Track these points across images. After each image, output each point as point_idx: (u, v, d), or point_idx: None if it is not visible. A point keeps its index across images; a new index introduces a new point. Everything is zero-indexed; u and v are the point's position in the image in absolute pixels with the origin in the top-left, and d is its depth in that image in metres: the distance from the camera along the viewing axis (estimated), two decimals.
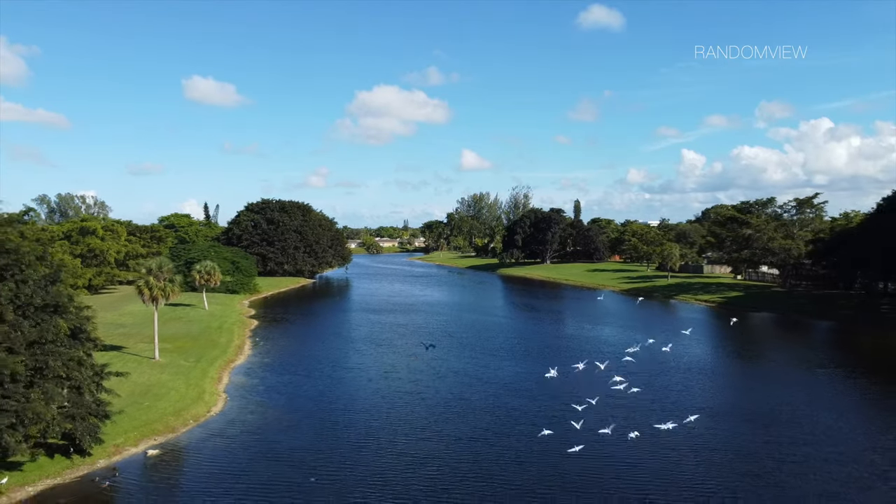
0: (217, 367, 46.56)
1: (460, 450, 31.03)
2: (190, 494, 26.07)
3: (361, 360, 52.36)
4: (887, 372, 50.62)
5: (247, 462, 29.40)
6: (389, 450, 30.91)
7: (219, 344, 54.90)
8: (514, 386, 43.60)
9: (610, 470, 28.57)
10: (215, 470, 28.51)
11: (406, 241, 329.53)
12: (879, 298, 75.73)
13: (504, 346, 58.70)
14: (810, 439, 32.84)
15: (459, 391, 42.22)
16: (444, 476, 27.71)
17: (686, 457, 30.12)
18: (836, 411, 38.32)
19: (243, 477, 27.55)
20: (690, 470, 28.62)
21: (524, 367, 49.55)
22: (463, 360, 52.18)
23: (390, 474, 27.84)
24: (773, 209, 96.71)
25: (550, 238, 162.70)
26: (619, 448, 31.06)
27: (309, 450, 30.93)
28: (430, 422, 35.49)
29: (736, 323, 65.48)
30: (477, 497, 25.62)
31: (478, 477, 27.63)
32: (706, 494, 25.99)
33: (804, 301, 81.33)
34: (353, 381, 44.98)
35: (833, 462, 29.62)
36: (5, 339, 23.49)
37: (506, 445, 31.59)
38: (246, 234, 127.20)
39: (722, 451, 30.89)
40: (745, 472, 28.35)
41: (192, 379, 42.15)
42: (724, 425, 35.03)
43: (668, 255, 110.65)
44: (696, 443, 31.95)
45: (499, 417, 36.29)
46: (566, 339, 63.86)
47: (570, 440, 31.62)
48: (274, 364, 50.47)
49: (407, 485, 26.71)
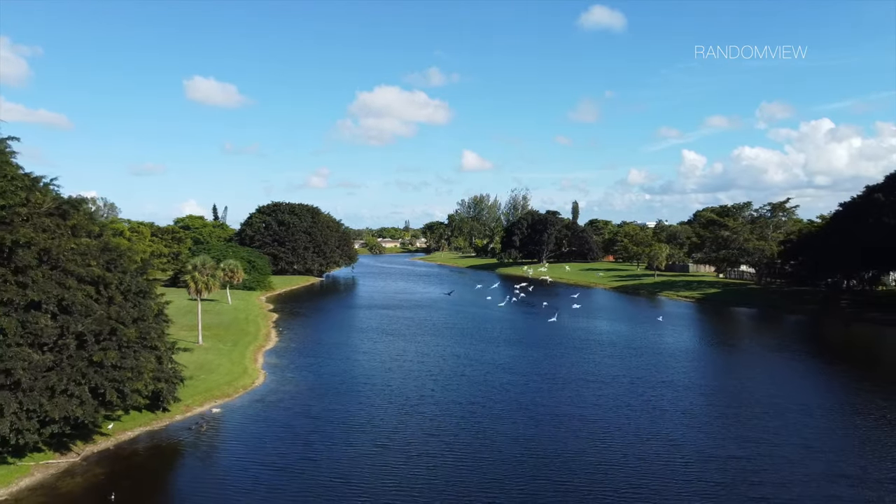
0: (252, 351, 54.24)
1: (459, 411, 38.60)
2: (247, 442, 33.58)
3: (374, 345, 59.99)
4: (831, 354, 58.27)
5: (288, 420, 36.97)
6: (405, 410, 38.48)
7: (249, 332, 62.55)
8: (503, 365, 51.29)
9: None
10: (264, 425, 36.10)
11: (408, 242, 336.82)
12: (841, 294, 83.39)
13: (498, 335, 66.36)
14: (739, 400, 40.52)
15: (460, 369, 49.87)
16: (446, 427, 35.29)
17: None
18: (775, 384, 45.99)
19: (287, 430, 35.08)
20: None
21: (514, 350, 57.25)
22: (464, 345, 59.85)
23: (405, 426, 35.42)
24: (750, 212, 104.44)
25: (547, 239, 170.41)
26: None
27: (337, 411, 38.50)
28: (435, 391, 43.12)
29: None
30: (470, 435, 33.21)
31: (471, 427, 35.22)
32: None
33: (775, 297, 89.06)
34: (368, 362, 52.60)
35: (756, 415, 37.30)
36: (118, 315, 31.12)
37: (493, 408, 39.22)
38: (258, 235, 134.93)
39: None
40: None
41: (234, 358, 49.86)
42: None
43: (654, 256, 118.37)
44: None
45: (491, 388, 43.95)
46: (547, 326, 71.64)
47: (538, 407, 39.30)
48: (299, 348, 58.17)
49: (418, 430, 34.28)
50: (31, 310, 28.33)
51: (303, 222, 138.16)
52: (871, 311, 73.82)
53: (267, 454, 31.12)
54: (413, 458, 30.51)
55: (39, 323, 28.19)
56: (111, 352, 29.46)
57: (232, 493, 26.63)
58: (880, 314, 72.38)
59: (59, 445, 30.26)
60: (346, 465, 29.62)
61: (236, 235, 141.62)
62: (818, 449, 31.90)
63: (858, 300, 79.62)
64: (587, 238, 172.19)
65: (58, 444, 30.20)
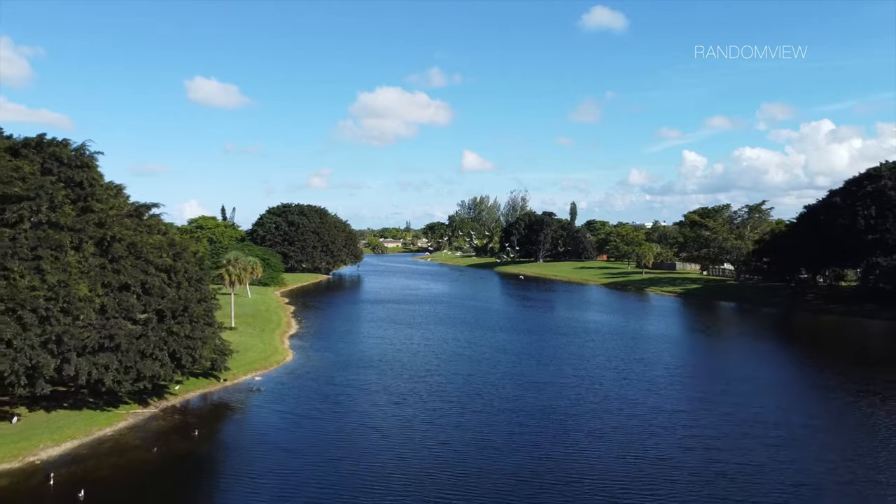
0: (278, 335, 62.01)
1: (459, 380, 46.28)
2: (287, 401, 41.19)
3: (384, 332, 67.70)
4: (783, 338, 65.98)
5: (317, 386, 44.65)
6: (414, 379, 46.18)
7: (272, 320, 70.31)
8: (498, 347, 59.06)
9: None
10: (298, 389, 43.78)
11: (409, 242, 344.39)
12: (808, 290, 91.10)
13: (494, 324, 74.15)
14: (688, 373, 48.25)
15: (460, 350, 57.61)
16: (448, 391, 42.96)
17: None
18: (727, 361, 53.72)
19: (317, 392, 42.77)
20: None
21: (508, 336, 65.02)
22: (464, 332, 67.61)
23: (415, 390, 43.09)
24: (729, 214, 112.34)
25: (543, 239, 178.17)
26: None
27: (358, 380, 46.20)
28: (439, 366, 50.85)
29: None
30: (468, 396, 40.91)
31: (469, 391, 42.91)
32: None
33: (749, 292, 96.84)
34: (380, 345, 60.29)
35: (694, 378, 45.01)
36: (185, 297, 38.84)
37: (488, 378, 46.96)
38: (269, 235, 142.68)
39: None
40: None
41: (265, 340, 57.63)
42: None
43: (642, 254, 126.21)
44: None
45: (486, 364, 51.69)
46: (538, 316, 79.44)
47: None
48: (318, 334, 65.94)
49: (425, 393, 41.94)
50: (122, 291, 36.09)
51: (311, 223, 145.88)
52: (831, 304, 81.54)
53: (304, 408, 38.86)
54: (422, 411, 38.22)
55: (129, 301, 35.96)
56: (185, 325, 37.26)
57: (281, 434, 34.33)
58: (838, 306, 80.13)
59: (140, 400, 38.01)
60: (369, 415, 37.34)
61: (248, 235, 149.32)
62: (743, 404, 39.59)
63: (822, 294, 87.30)
64: (582, 238, 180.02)
65: (139, 399, 37.95)
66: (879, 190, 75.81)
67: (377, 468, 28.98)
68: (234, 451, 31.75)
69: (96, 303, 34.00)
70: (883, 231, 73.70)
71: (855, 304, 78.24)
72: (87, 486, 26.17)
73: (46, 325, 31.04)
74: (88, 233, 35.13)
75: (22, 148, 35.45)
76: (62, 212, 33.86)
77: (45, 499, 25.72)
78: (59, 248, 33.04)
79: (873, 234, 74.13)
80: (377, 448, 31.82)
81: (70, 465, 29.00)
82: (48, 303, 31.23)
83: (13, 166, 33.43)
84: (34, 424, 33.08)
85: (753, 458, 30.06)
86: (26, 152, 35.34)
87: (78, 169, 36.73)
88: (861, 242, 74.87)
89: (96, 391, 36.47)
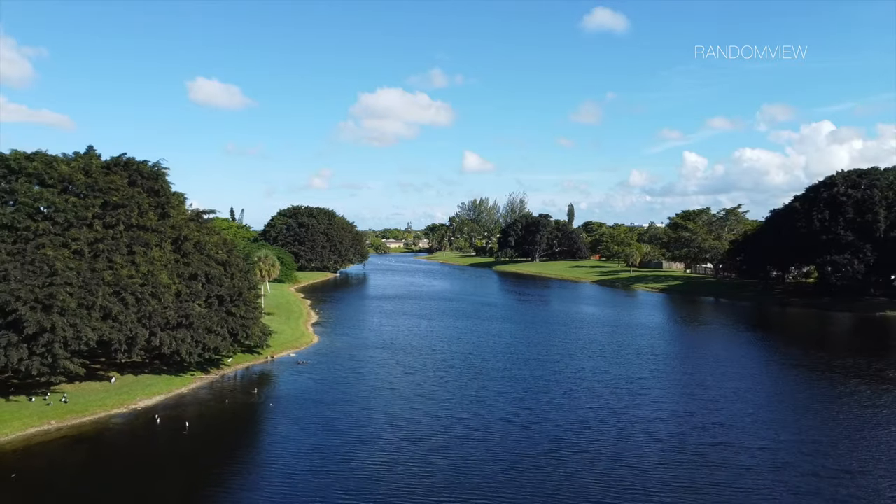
0: (302, 322, 71.06)
1: (460, 358, 55.26)
2: (318, 371, 50.11)
3: (393, 321, 76.71)
4: (741, 326, 75.03)
5: (342, 361, 53.56)
6: (422, 356, 55.16)
7: (294, 311, 79.32)
8: (493, 333, 68.13)
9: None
10: (326, 363, 52.73)
11: (411, 243, 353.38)
12: (776, 285, 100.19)
13: (491, 315, 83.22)
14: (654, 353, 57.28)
15: (461, 335, 66.66)
16: (451, 364, 51.97)
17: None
18: (688, 342, 62.70)
19: (342, 365, 51.73)
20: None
21: (503, 325, 74.09)
22: (464, 322, 76.69)
23: (424, 364, 52.06)
24: (709, 216, 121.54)
25: (539, 239, 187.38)
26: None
27: (375, 357, 55.13)
28: (443, 346, 59.87)
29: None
30: (466, 367, 49.90)
31: (468, 365, 51.92)
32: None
33: (725, 288, 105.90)
34: (390, 331, 69.25)
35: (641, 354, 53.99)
36: (239, 285, 47.80)
37: (483, 356, 55.99)
38: (280, 236, 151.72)
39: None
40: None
41: (292, 326, 66.66)
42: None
43: (629, 254, 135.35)
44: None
45: (483, 345, 60.73)
46: (531, 309, 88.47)
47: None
48: (336, 322, 74.99)
49: (432, 366, 50.91)
50: (191, 280, 45.09)
51: (320, 224, 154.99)
52: (793, 298, 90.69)
53: (333, 376, 47.86)
54: (429, 378, 47.19)
55: (197, 288, 44.97)
56: (240, 307, 46.33)
57: (318, 392, 43.25)
58: (800, 300, 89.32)
59: (202, 369, 46.98)
60: (386, 380, 46.27)
61: (261, 235, 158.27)
62: (691, 371, 48.59)
63: (788, 290, 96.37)
64: (576, 239, 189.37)
65: (202, 368, 46.94)
66: (833, 196, 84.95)
67: (395, 414, 37.92)
68: (285, 403, 40.66)
69: (173, 289, 42.96)
70: (835, 233, 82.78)
71: (814, 297, 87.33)
72: (186, 422, 35.18)
73: (141, 305, 40.04)
74: (167, 234, 44.19)
75: (113, 166, 44.46)
76: (147, 217, 42.90)
77: (157, 432, 34.65)
78: (147, 245, 42.12)
79: (827, 235, 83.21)
80: (395, 401, 40.76)
81: (165, 410, 37.99)
82: (142, 288, 40.23)
83: (109, 180, 42.48)
84: (127, 384, 42.10)
85: (689, 408, 39.10)
86: (116, 169, 44.38)
87: (154, 180, 45.77)
88: (816, 243, 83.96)
89: (169, 361, 45.45)
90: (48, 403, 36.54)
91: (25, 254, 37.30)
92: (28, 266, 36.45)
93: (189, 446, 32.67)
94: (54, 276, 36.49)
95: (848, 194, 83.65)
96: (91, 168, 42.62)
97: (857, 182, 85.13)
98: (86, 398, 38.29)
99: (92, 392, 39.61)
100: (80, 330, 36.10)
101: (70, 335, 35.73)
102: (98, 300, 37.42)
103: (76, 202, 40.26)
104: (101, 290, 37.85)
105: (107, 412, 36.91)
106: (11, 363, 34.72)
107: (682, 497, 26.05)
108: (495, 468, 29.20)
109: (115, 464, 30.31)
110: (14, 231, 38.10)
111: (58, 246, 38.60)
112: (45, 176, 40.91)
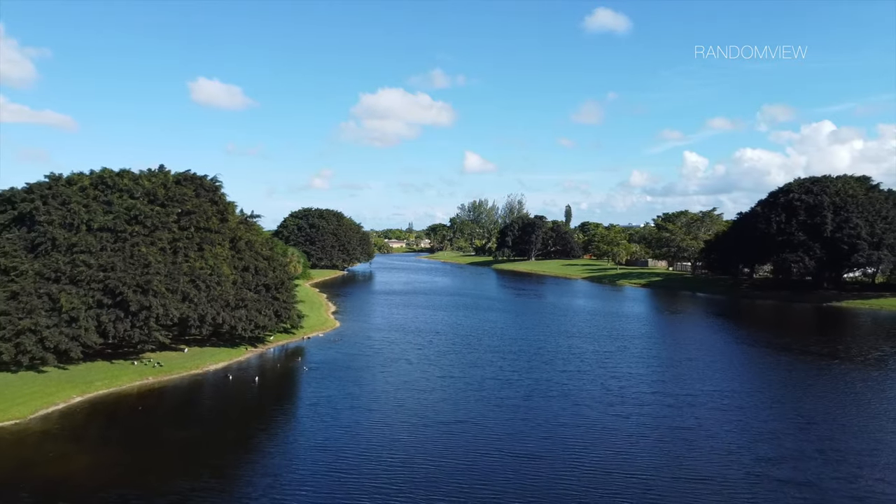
0: (324, 311, 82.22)
1: (462, 338, 66.39)
2: (344, 347, 61.11)
3: (401, 311, 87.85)
4: (704, 313, 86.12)
5: (362, 340, 64.61)
6: (429, 337, 66.25)
7: (315, 302, 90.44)
8: (490, 320, 79.31)
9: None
10: (349, 341, 63.80)
11: (413, 242, 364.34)
12: (744, 281, 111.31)
13: (489, 307, 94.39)
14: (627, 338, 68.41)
15: (462, 321, 77.84)
16: (455, 341, 63.05)
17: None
18: (658, 327, 73.83)
19: (362, 344, 62.82)
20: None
21: (499, 315, 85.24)
22: (464, 311, 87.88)
23: (432, 342, 63.13)
24: (688, 218, 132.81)
25: (535, 239, 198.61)
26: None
27: (389, 338, 66.18)
28: (447, 329, 71.01)
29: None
30: (467, 345, 60.98)
31: (469, 342, 63.03)
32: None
33: (699, 283, 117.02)
34: (400, 318, 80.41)
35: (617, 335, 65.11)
36: (281, 277, 58.86)
37: (481, 337, 67.15)
38: (293, 236, 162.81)
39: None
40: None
41: (316, 313, 77.81)
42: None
43: (616, 253, 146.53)
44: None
45: (481, 328, 71.87)
46: (524, 301, 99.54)
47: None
48: (352, 311, 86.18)
49: (439, 343, 61.98)
50: (244, 271, 56.21)
51: (330, 225, 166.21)
52: (756, 292, 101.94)
53: (356, 350, 58.97)
54: (435, 353, 58.28)
55: (248, 278, 56.10)
56: (283, 293, 57.50)
57: (346, 360, 54.33)
58: (762, 293, 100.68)
59: (251, 344, 58.10)
60: (401, 353, 57.34)
61: (274, 235, 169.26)
62: (649, 347, 59.62)
63: (755, 284, 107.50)
64: (569, 238, 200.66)
65: (250, 343, 58.05)
66: (789, 201, 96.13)
67: (409, 377, 48.94)
68: (322, 368, 51.66)
69: (231, 278, 54.09)
70: (789, 234, 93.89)
71: (774, 291, 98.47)
72: (255, 377, 46.32)
73: (210, 290, 51.15)
74: (225, 234, 55.34)
75: (183, 180, 55.61)
76: (212, 221, 54.04)
77: (231, 385, 45.69)
78: (212, 243, 53.25)
79: (782, 236, 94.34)
80: (407, 368, 51.80)
81: (233, 371, 49.09)
82: (209, 277, 51.34)
83: (182, 192, 53.65)
84: (196, 354, 53.24)
85: (638, 371, 50.25)
86: (185, 183, 55.52)
87: (213, 192, 56.92)
88: (774, 243, 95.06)
89: (224, 337, 56.52)
90: (147, 364, 47.74)
91: (124, 250, 48.46)
92: (129, 259, 47.62)
93: (258, 395, 43.79)
94: (148, 267, 47.67)
95: (801, 199, 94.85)
96: (168, 182, 53.80)
97: (811, 189, 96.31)
98: (170, 363, 49.40)
99: (172, 359, 50.73)
100: (168, 308, 47.27)
101: (161, 312, 46.89)
102: (179, 286, 48.59)
103: (160, 210, 51.42)
104: (181, 278, 49.03)
105: (189, 372, 48.06)
106: (118, 333, 45.89)
107: (616, 423, 37.21)
108: (482, 407, 40.30)
109: (207, 403, 41.48)
110: (115, 233, 49.22)
111: (147, 244, 49.75)
112: (133, 190, 52.08)
